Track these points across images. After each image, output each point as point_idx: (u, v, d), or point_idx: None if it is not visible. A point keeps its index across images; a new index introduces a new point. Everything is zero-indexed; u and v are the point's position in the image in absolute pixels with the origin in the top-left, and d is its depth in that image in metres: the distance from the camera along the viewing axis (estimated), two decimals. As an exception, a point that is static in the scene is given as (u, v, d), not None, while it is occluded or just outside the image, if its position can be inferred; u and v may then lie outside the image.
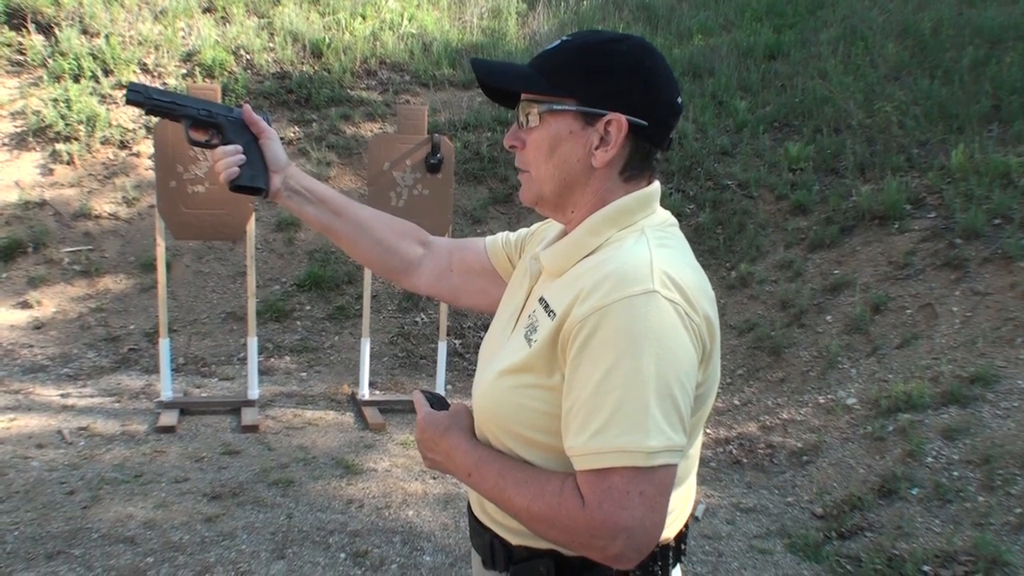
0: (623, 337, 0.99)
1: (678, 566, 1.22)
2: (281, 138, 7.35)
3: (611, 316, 1.00)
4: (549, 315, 1.10)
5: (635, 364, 0.98)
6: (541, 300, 1.15)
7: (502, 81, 1.18)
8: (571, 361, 1.03)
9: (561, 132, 1.14)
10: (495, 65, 1.20)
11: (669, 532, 1.17)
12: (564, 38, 1.17)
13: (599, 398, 0.99)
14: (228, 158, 1.40)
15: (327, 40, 8.39)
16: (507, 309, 1.30)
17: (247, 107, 1.47)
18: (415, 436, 1.26)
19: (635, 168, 1.16)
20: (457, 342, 6.15)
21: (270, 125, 1.50)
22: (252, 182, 1.42)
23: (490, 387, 1.16)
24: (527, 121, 1.17)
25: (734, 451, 4.67)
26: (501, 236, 1.48)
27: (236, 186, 1.41)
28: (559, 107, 1.13)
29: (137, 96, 1.41)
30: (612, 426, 0.98)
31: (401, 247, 1.50)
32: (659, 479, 0.99)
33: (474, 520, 1.26)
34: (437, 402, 1.28)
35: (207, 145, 1.45)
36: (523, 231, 1.45)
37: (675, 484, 1.15)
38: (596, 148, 1.13)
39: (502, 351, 1.19)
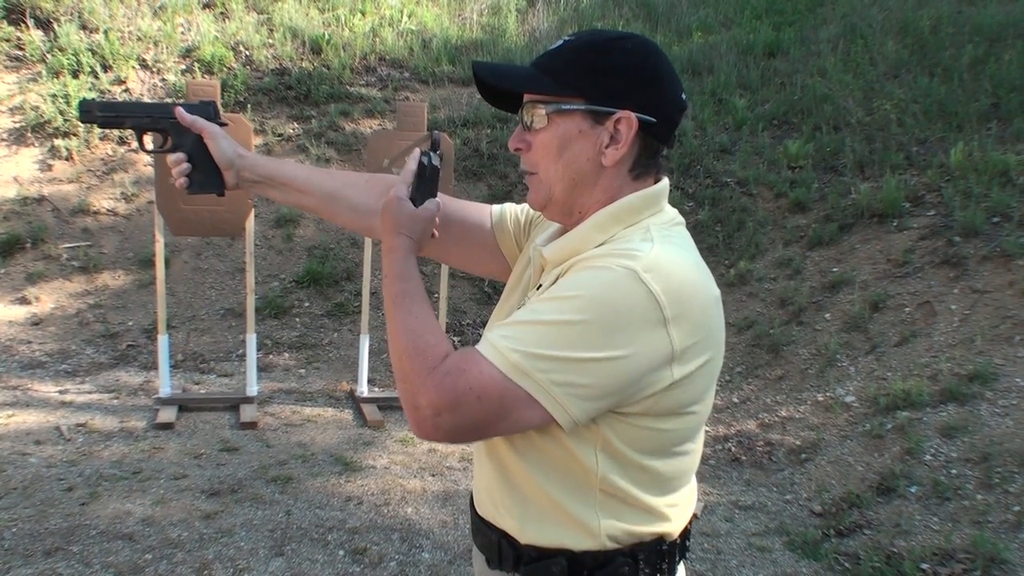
0: (585, 291, 1.01)
1: (682, 563, 1.23)
2: (280, 134, 7.36)
3: (588, 271, 1.04)
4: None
5: (577, 312, 1.00)
6: (539, 289, 1.17)
7: (507, 83, 1.17)
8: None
9: (570, 132, 1.13)
10: (498, 67, 1.19)
11: (675, 528, 1.17)
12: (566, 38, 1.16)
13: (529, 311, 1.05)
14: (176, 168, 1.41)
15: (326, 36, 8.38)
16: (508, 302, 1.30)
17: (179, 110, 1.43)
18: (381, 203, 1.27)
19: (643, 166, 1.16)
20: (456, 339, 6.14)
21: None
22: (202, 190, 1.42)
23: None
24: (532, 122, 1.15)
25: (733, 448, 4.67)
26: (509, 214, 1.43)
27: (190, 193, 1.43)
28: (568, 107, 1.12)
29: (87, 116, 1.42)
30: (515, 328, 1.03)
31: None
32: (507, 398, 1.00)
33: (478, 519, 1.25)
34: (428, 178, 1.26)
35: (161, 152, 1.44)
36: (533, 212, 1.41)
37: (681, 482, 1.16)
38: (606, 147, 1.12)
39: None
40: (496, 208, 1.45)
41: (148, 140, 1.53)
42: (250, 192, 1.49)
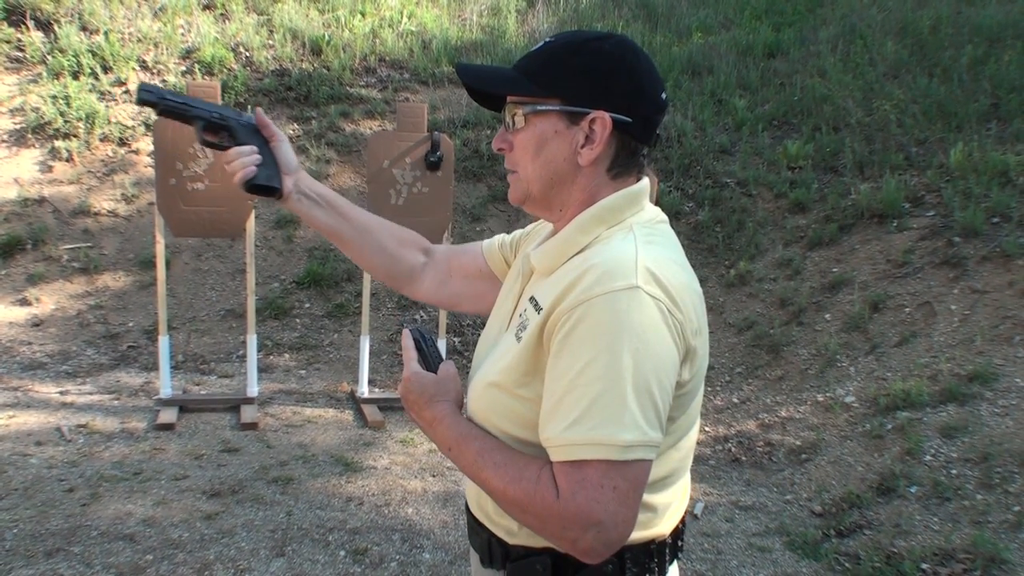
0: (604, 331, 1.00)
1: (675, 563, 1.23)
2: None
3: (593, 310, 1.02)
4: (537, 311, 1.11)
5: (614, 358, 0.99)
6: (531, 299, 1.16)
7: (487, 85, 1.20)
8: (553, 352, 1.05)
9: (547, 132, 1.15)
10: (480, 69, 1.22)
11: (665, 528, 1.18)
12: (547, 39, 1.18)
13: (577, 390, 1.01)
14: (244, 158, 1.40)
15: (326, 37, 8.39)
16: (500, 309, 1.31)
17: (259, 110, 1.48)
18: (399, 390, 1.26)
19: (622, 165, 1.17)
20: (456, 340, 6.15)
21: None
22: (269, 181, 1.42)
23: (482, 396, 1.18)
24: (513, 123, 1.18)
25: (733, 449, 4.67)
26: (497, 239, 1.49)
27: (252, 185, 1.41)
28: (544, 107, 1.14)
29: (149, 96, 1.41)
30: (588, 418, 1.00)
31: (404, 255, 1.51)
32: (633, 474, 1.01)
33: (472, 519, 1.27)
34: (428, 347, 1.27)
35: (219, 147, 1.45)
36: (518, 232, 1.46)
37: (670, 481, 1.16)
38: (582, 146, 1.14)
39: (493, 352, 1.21)
40: (486, 240, 1.51)
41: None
42: (295, 208, 1.48)
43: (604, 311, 1.01)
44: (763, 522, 3.85)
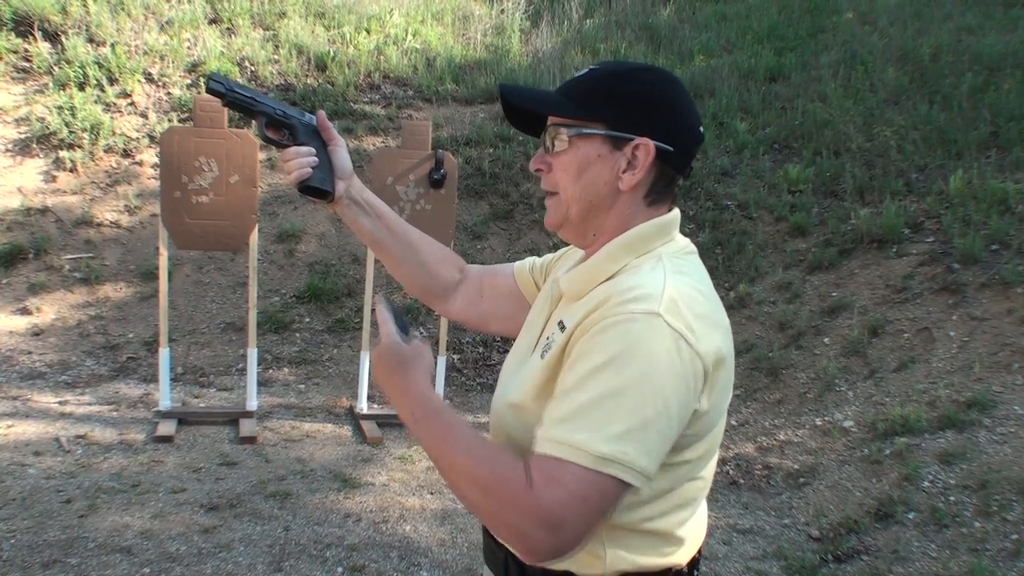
0: (616, 349, 1.01)
1: None
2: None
3: (612, 327, 1.03)
4: (563, 331, 1.13)
5: (618, 376, 1.00)
6: (559, 323, 1.17)
7: (532, 104, 1.21)
8: (567, 364, 1.07)
9: (590, 155, 1.16)
10: (525, 90, 1.23)
11: (681, 558, 1.18)
12: (592, 66, 1.20)
13: (576, 393, 1.02)
14: (301, 158, 1.41)
15: (331, 53, 8.44)
16: (528, 333, 1.32)
17: (321, 113, 1.49)
18: (374, 355, 1.24)
19: (658, 193, 1.19)
20: (455, 357, 6.15)
21: None
22: (322, 184, 1.44)
23: (503, 417, 1.20)
24: (554, 145, 1.19)
25: (731, 472, 4.67)
26: (528, 262, 1.51)
27: (305, 186, 1.43)
28: (588, 131, 1.16)
29: (218, 87, 1.43)
30: (576, 420, 1.00)
31: (441, 272, 1.53)
32: (604, 490, 1.00)
33: (489, 538, 1.27)
34: (400, 322, 1.28)
35: (279, 144, 1.47)
36: (549, 256, 1.47)
37: (690, 510, 1.16)
38: (623, 172, 1.16)
39: (519, 373, 1.22)
40: (518, 262, 1.53)
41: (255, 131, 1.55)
42: (343, 213, 1.50)
43: (620, 330, 1.02)
44: (761, 546, 3.85)
